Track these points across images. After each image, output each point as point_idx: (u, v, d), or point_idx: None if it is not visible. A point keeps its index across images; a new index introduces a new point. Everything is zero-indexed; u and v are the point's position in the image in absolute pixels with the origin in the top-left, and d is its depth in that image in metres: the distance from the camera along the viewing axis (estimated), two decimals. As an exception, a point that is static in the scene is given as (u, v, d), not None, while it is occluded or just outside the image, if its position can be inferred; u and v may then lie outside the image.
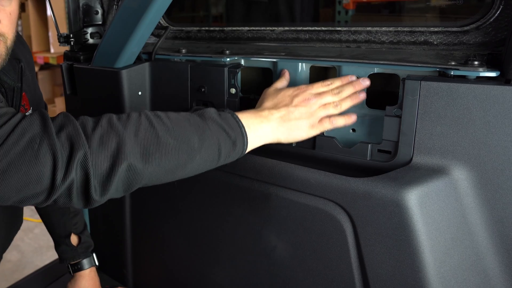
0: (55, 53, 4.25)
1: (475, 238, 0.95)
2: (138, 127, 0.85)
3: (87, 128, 0.83)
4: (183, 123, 0.89)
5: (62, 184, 0.78)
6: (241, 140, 0.93)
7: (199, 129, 0.89)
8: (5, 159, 0.76)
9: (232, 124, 0.93)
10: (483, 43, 1.06)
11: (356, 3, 2.05)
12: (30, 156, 0.77)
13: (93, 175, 0.79)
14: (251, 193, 1.19)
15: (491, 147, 0.89)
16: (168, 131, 0.86)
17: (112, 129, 0.83)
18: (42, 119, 0.82)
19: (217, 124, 0.91)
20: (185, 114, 0.92)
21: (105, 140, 0.81)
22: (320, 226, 1.08)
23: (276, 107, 1.02)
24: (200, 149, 0.88)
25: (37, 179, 0.78)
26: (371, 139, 1.08)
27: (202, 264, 1.41)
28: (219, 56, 1.28)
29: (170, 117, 0.90)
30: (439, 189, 0.93)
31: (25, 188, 0.78)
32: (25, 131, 0.79)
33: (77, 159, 0.78)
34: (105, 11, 1.54)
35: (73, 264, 1.48)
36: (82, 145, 0.79)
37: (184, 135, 0.87)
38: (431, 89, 0.93)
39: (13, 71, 1.15)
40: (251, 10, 2.33)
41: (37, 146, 0.78)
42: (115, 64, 1.34)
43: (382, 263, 0.99)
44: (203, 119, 0.92)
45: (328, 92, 1.03)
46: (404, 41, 1.17)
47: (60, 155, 0.78)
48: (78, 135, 0.80)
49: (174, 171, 0.88)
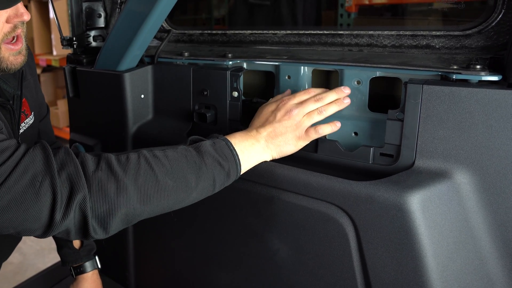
0: (57, 56, 4.27)
1: (477, 242, 0.95)
2: (138, 170, 0.86)
3: (87, 169, 0.83)
4: (181, 162, 0.91)
5: (60, 224, 0.80)
6: (235, 169, 0.97)
7: (195, 166, 0.91)
8: (7, 196, 0.77)
9: (226, 154, 0.96)
10: (485, 47, 1.06)
11: (358, 6, 2.05)
12: (31, 195, 0.78)
13: (91, 218, 0.81)
14: (253, 196, 1.19)
15: (494, 151, 0.89)
16: (167, 173, 0.88)
17: (111, 173, 0.84)
18: (44, 155, 0.83)
19: (212, 158, 0.93)
20: (182, 151, 0.93)
21: (105, 184, 0.82)
22: (323, 229, 1.08)
23: (263, 125, 1.04)
24: (196, 186, 0.91)
25: (36, 217, 0.79)
26: (373, 143, 1.08)
27: (205, 267, 1.41)
28: (222, 60, 1.28)
29: (169, 156, 0.90)
30: (441, 193, 0.93)
31: (23, 224, 0.80)
32: (27, 168, 0.80)
33: (76, 201, 0.80)
34: (108, 14, 1.55)
35: (75, 267, 1.49)
36: (81, 187, 0.80)
37: (182, 175, 0.89)
38: (433, 93, 0.93)
39: (13, 78, 1.15)
40: (253, 13, 2.33)
41: (39, 184, 0.79)
42: (117, 67, 1.34)
43: (385, 267, 0.99)
44: (199, 154, 0.93)
45: (310, 99, 1.05)
46: (406, 44, 1.18)
47: (60, 195, 0.79)
48: (78, 176, 0.81)
49: (171, 208, 0.91)
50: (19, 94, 1.16)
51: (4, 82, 1.11)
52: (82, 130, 1.60)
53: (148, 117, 1.44)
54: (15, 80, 1.16)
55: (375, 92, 1.08)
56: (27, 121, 1.21)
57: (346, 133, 1.13)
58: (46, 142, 0.87)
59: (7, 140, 0.84)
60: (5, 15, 0.94)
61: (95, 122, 1.54)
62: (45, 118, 1.44)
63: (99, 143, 1.53)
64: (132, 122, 1.40)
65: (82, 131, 1.59)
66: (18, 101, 1.16)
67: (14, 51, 0.98)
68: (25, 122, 1.20)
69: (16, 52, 0.99)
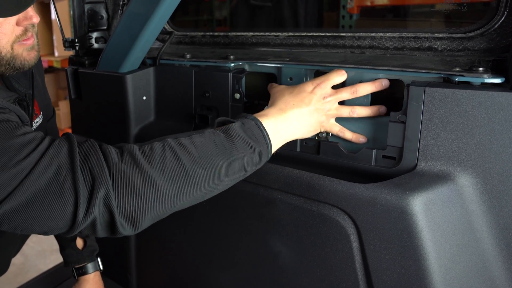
0: (59, 57, 4.27)
1: (481, 245, 0.95)
2: (164, 161, 0.81)
3: (110, 162, 0.80)
4: (209, 148, 0.86)
5: (84, 221, 0.77)
6: (266, 151, 0.93)
7: (225, 152, 0.87)
8: (32, 189, 0.75)
9: (257, 135, 0.91)
10: (488, 49, 1.06)
11: (360, 8, 2.05)
12: (55, 189, 0.76)
13: (118, 214, 0.78)
14: (255, 198, 1.19)
15: (497, 153, 0.89)
16: (195, 162, 0.83)
17: (136, 165, 0.80)
18: (69, 147, 0.80)
19: (243, 140, 0.89)
20: (209, 135, 0.88)
21: (130, 177, 0.78)
22: (325, 232, 1.08)
23: (298, 105, 1.01)
24: (227, 172, 0.87)
25: (60, 213, 0.77)
26: (376, 145, 1.08)
27: (207, 269, 1.41)
28: (224, 61, 1.28)
29: (196, 143, 0.86)
30: (444, 196, 0.93)
31: (48, 221, 0.77)
32: (52, 160, 0.78)
33: (99, 197, 0.76)
34: (110, 16, 1.55)
35: (77, 268, 1.49)
36: (104, 181, 0.77)
37: (211, 162, 0.85)
38: (435, 95, 0.93)
39: (24, 78, 1.16)
40: (255, 15, 2.33)
41: (63, 178, 0.77)
42: (120, 69, 1.35)
43: (387, 269, 0.99)
44: (228, 137, 0.89)
45: (347, 88, 1.04)
46: (409, 47, 1.17)
47: (82, 191, 0.76)
48: (101, 169, 0.78)
49: (203, 197, 0.87)
50: (31, 93, 1.17)
51: (16, 82, 1.12)
52: (84, 132, 1.60)
53: (150, 119, 1.44)
54: (27, 80, 1.17)
55: (377, 94, 1.08)
56: (36, 120, 1.22)
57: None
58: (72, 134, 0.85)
59: (32, 133, 0.82)
60: (15, 18, 0.95)
61: (97, 123, 1.54)
62: (51, 118, 1.45)
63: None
64: (134, 124, 1.40)
65: (84, 132, 1.59)
66: (31, 100, 1.17)
67: (27, 46, 0.99)
68: (35, 122, 1.21)
69: (29, 47, 0.99)
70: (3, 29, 0.93)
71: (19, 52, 0.98)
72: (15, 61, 0.98)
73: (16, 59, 0.98)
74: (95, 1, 1.53)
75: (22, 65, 0.99)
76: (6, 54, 0.96)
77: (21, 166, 0.76)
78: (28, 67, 1.01)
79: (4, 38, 0.94)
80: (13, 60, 0.97)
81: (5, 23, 0.93)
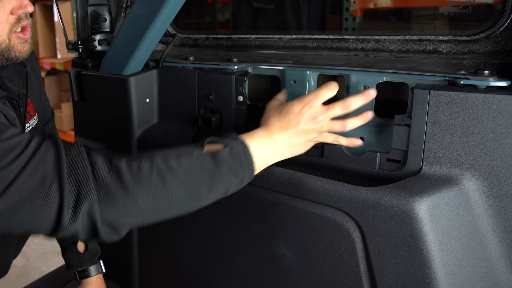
0: (62, 59, 4.27)
1: (487, 249, 0.94)
2: (149, 183, 0.83)
3: (97, 174, 0.81)
4: (195, 173, 0.87)
5: (68, 228, 0.78)
6: (248, 177, 0.94)
7: (210, 177, 0.88)
8: (16, 196, 0.76)
9: (243, 161, 0.92)
10: (493, 52, 1.05)
11: (363, 10, 2.05)
12: (40, 196, 0.77)
13: (101, 224, 0.80)
14: (259, 201, 1.19)
15: (503, 157, 0.89)
16: (180, 186, 0.86)
17: (122, 183, 0.81)
18: (56, 153, 0.81)
19: (228, 167, 0.90)
20: (198, 158, 0.89)
21: (114, 194, 0.80)
22: (329, 235, 1.07)
23: (285, 127, 0.99)
24: (208, 196, 0.89)
25: (44, 219, 0.78)
26: (380, 148, 1.07)
27: (210, 272, 1.40)
28: (227, 64, 1.28)
29: (183, 166, 0.87)
30: (449, 199, 0.93)
31: (31, 225, 0.79)
32: (38, 167, 0.78)
33: (83, 208, 0.78)
34: (113, 18, 1.55)
35: (80, 271, 1.48)
36: (90, 193, 0.78)
37: (195, 187, 0.87)
38: (440, 98, 0.93)
39: (18, 77, 1.17)
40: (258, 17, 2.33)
41: (48, 186, 0.77)
42: (123, 71, 1.34)
43: (392, 273, 0.99)
44: (215, 164, 0.89)
45: (338, 104, 1.00)
46: (413, 49, 1.17)
47: (67, 200, 0.77)
48: (87, 181, 0.79)
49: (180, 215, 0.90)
50: (24, 93, 1.17)
51: (9, 81, 1.13)
52: (87, 134, 1.60)
53: (153, 121, 1.43)
54: (20, 79, 1.17)
55: (381, 97, 1.08)
56: (31, 121, 1.22)
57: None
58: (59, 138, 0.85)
59: (19, 136, 0.82)
60: (10, 7, 0.98)
61: (100, 126, 1.54)
62: (50, 121, 1.44)
63: (103, 148, 1.52)
64: (137, 126, 1.40)
65: (87, 135, 1.59)
66: (24, 100, 1.17)
67: (22, 39, 1.04)
68: (30, 123, 1.21)
69: (23, 40, 1.04)
70: None
71: (15, 44, 1.02)
72: (10, 53, 1.02)
73: (11, 51, 1.02)
74: (98, 3, 1.53)
75: (16, 57, 1.04)
76: (2, 43, 1.00)
77: (5, 172, 0.76)
78: (21, 59, 1.05)
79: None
80: (8, 51, 1.01)
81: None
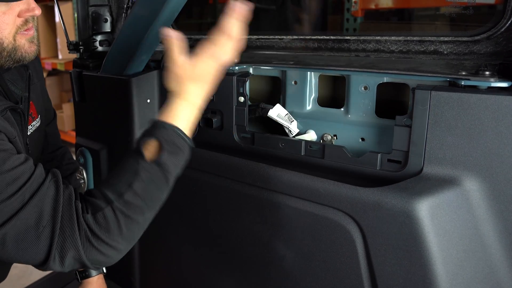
0: (63, 59, 4.28)
1: (488, 250, 0.94)
2: (120, 229, 0.88)
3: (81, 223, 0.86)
4: (152, 191, 0.91)
5: (57, 267, 0.86)
6: (188, 151, 0.94)
7: (164, 184, 0.92)
8: (12, 232, 0.82)
9: (182, 147, 0.92)
10: (494, 53, 1.05)
11: (364, 11, 2.05)
12: (33, 236, 0.83)
13: (90, 264, 0.88)
14: (259, 202, 1.18)
15: (504, 157, 0.88)
16: (147, 211, 0.91)
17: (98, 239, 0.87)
18: (54, 196, 0.86)
19: (173, 164, 0.92)
20: (146, 175, 0.89)
21: (97, 247, 0.87)
22: (330, 236, 1.07)
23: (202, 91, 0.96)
24: (167, 193, 0.94)
25: (32, 257, 0.85)
26: (381, 149, 1.07)
27: (210, 272, 1.40)
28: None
29: (139, 193, 0.89)
30: (450, 200, 0.93)
31: (20, 258, 0.86)
32: (36, 207, 0.84)
33: (69, 255, 0.85)
34: (114, 19, 1.55)
35: (81, 271, 1.48)
36: (74, 243, 0.85)
37: (157, 201, 0.92)
38: (441, 99, 0.93)
39: (21, 80, 1.16)
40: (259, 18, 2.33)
41: (41, 229, 0.83)
42: (124, 71, 1.34)
43: (393, 274, 0.98)
44: (162, 171, 0.90)
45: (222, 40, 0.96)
46: (414, 50, 1.17)
47: (55, 247, 0.84)
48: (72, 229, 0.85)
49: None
50: (27, 96, 1.17)
51: (12, 84, 1.13)
52: (88, 135, 1.60)
53: (154, 122, 1.43)
54: (23, 82, 1.17)
55: (382, 98, 1.08)
56: (34, 123, 1.22)
57: (353, 138, 1.12)
58: (59, 174, 0.90)
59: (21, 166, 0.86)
60: (17, 9, 0.97)
61: (101, 126, 1.54)
62: (52, 122, 1.44)
63: (104, 148, 1.53)
64: (138, 126, 1.40)
65: (88, 135, 1.59)
66: (26, 103, 1.17)
67: (28, 36, 1.02)
68: (32, 125, 1.21)
69: (30, 37, 1.03)
70: (5, 19, 0.95)
71: (21, 43, 1.01)
72: (16, 53, 1.01)
73: (17, 51, 1.01)
74: (100, 4, 1.53)
75: (23, 58, 1.02)
76: (8, 45, 0.99)
77: (4, 205, 0.81)
78: (28, 60, 1.04)
79: (7, 29, 0.96)
80: (14, 52, 1.00)
81: (7, 13, 0.95)
